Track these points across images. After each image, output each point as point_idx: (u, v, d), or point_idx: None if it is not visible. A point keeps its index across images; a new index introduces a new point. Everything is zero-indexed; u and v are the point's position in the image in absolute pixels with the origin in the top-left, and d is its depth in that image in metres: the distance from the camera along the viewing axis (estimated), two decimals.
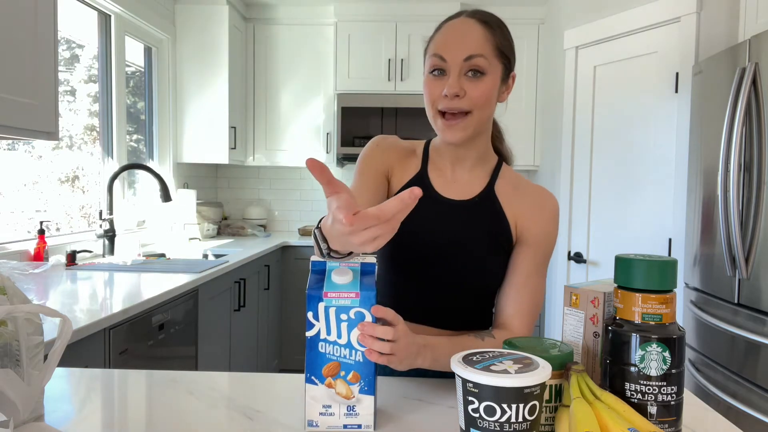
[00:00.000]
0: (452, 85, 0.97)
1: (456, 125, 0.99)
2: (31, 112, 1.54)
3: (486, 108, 1.00)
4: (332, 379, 0.78)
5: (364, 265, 0.82)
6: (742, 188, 1.85)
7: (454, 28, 1.01)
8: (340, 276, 0.79)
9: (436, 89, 1.00)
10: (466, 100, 0.98)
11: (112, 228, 2.66)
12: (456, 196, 1.09)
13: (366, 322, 0.77)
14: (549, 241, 1.07)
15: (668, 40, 2.48)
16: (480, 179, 1.10)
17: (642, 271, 0.72)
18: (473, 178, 1.10)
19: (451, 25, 1.02)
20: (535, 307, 1.06)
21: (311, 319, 0.78)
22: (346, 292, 0.78)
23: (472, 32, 0.99)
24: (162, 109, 3.47)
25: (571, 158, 3.03)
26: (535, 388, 0.62)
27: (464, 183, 1.09)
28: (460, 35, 0.99)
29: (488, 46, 0.98)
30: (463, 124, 0.99)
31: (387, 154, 1.12)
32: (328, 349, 0.78)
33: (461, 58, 0.97)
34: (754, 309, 1.80)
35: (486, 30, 0.99)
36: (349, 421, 0.79)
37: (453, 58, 0.98)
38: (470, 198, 1.08)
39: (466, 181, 1.09)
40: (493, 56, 0.99)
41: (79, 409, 0.87)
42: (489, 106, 1.01)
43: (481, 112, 1.00)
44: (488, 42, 0.98)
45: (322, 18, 3.85)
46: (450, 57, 0.98)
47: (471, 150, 1.07)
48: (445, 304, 1.07)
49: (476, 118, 0.99)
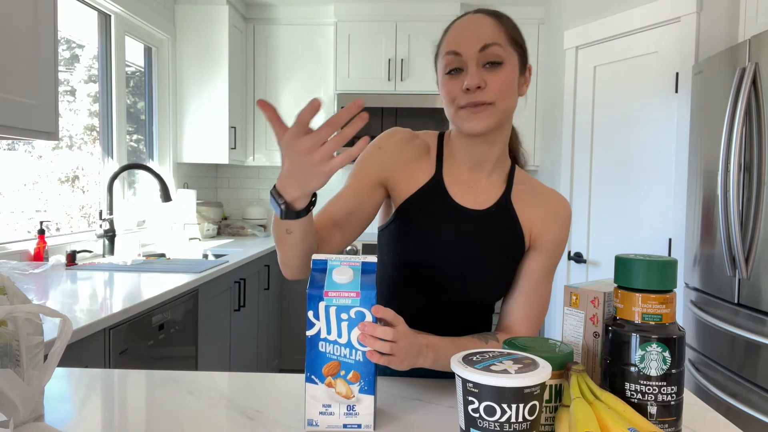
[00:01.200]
0: (473, 75, 0.93)
1: (481, 113, 0.94)
2: (31, 112, 1.54)
3: (508, 98, 0.96)
4: (332, 379, 0.78)
5: (365, 264, 0.82)
6: (742, 188, 1.85)
7: (465, 23, 0.98)
8: (340, 275, 0.79)
9: (454, 87, 0.96)
10: (488, 92, 0.94)
11: (112, 228, 2.66)
12: (473, 204, 1.04)
13: (366, 321, 0.77)
14: (561, 249, 1.06)
15: (668, 40, 2.48)
16: (497, 185, 1.06)
17: (642, 271, 0.72)
18: (490, 184, 1.06)
19: (461, 22, 1.00)
20: (542, 314, 1.05)
21: (312, 318, 0.78)
22: (347, 292, 0.78)
23: (484, 24, 0.96)
24: (162, 109, 3.47)
25: (571, 158, 3.03)
26: (535, 388, 0.62)
27: (481, 189, 1.05)
28: (472, 28, 0.97)
29: (502, 35, 0.96)
30: (486, 113, 0.95)
31: (388, 158, 1.05)
32: (329, 349, 0.78)
33: (476, 49, 0.94)
34: (754, 309, 1.80)
35: (496, 21, 0.97)
36: (349, 421, 0.79)
37: (468, 50, 0.95)
38: (487, 207, 1.04)
39: (483, 188, 1.05)
40: (508, 44, 0.96)
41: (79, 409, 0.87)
42: (511, 97, 0.97)
43: (505, 103, 0.96)
44: (501, 31, 0.96)
45: (322, 18, 3.85)
46: (465, 50, 0.95)
47: (492, 148, 1.02)
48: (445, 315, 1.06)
49: (500, 109, 0.95)
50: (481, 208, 1.04)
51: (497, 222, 1.03)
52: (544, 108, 3.61)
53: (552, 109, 3.36)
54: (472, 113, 0.95)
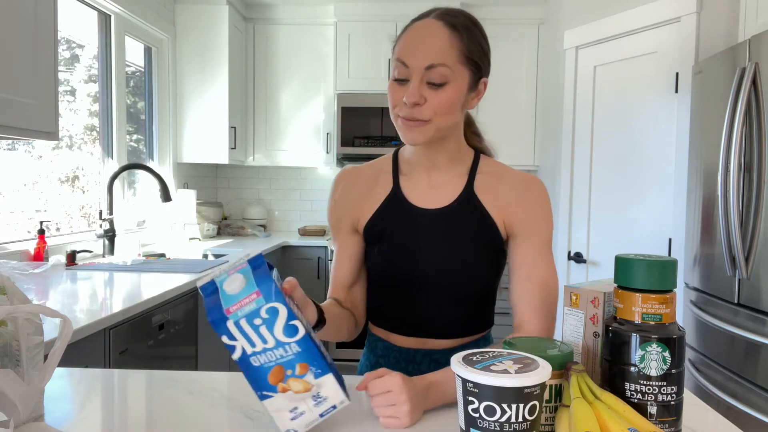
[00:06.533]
0: (412, 93, 0.92)
1: (416, 128, 0.95)
2: (31, 112, 1.54)
3: (448, 116, 0.95)
4: (282, 383, 0.74)
5: (251, 261, 0.76)
6: (742, 188, 1.85)
7: (419, 31, 0.94)
8: (232, 284, 0.73)
9: (398, 96, 0.95)
10: (426, 109, 0.93)
11: (112, 228, 2.66)
12: (434, 204, 1.05)
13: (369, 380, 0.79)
14: (543, 227, 1.02)
15: (668, 40, 2.48)
16: (458, 180, 1.05)
17: (642, 271, 0.72)
18: (450, 179, 1.05)
19: (416, 27, 0.96)
20: (548, 300, 1.00)
21: (228, 342, 0.73)
22: (247, 297, 0.72)
23: (437, 37, 0.93)
24: (162, 109, 3.47)
25: (571, 158, 3.03)
26: (535, 388, 0.62)
27: (442, 188, 1.05)
28: (423, 40, 0.93)
29: (453, 53, 0.92)
30: (422, 129, 0.95)
31: (345, 205, 1.10)
32: (263, 360, 0.74)
33: (423, 66, 0.92)
34: (754, 309, 1.80)
35: (453, 35, 0.93)
36: (323, 408, 0.76)
37: (414, 63, 0.93)
38: (449, 204, 1.04)
39: (444, 185, 1.05)
40: (458, 63, 0.93)
41: (79, 409, 0.87)
42: (451, 114, 0.96)
43: (442, 121, 0.95)
44: (453, 48, 0.93)
45: (322, 18, 3.85)
46: (411, 62, 0.93)
47: (441, 152, 1.03)
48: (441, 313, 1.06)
49: (435, 126, 0.95)
50: (441, 207, 1.04)
51: (462, 216, 1.03)
52: (544, 108, 3.60)
53: (552, 109, 3.36)
54: (406, 127, 0.96)
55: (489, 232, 1.02)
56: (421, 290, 1.05)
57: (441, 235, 1.03)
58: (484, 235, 1.02)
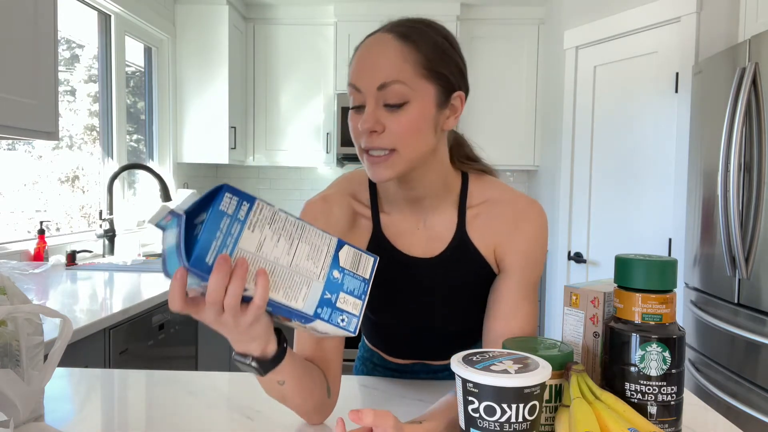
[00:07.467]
0: (366, 119, 0.78)
1: (381, 163, 0.80)
2: (31, 112, 1.54)
3: (414, 142, 0.80)
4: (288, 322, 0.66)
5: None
6: (742, 188, 1.85)
7: (368, 49, 0.82)
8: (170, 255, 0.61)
9: (356, 125, 0.82)
10: (387, 136, 0.79)
11: (112, 228, 2.66)
12: (423, 251, 0.92)
13: None
14: (533, 264, 0.90)
15: (668, 40, 2.48)
16: (446, 218, 0.91)
17: (642, 271, 0.72)
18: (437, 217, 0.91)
19: (365, 45, 0.83)
20: None
21: None
22: None
23: (387, 53, 0.79)
24: (162, 109, 3.47)
25: (571, 158, 3.03)
26: (535, 388, 0.62)
27: (430, 230, 0.92)
28: (371, 58, 0.80)
29: (408, 67, 0.78)
30: (388, 162, 0.80)
31: None
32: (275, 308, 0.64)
33: (374, 87, 0.78)
34: (754, 309, 1.80)
35: (406, 47, 0.79)
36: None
37: (366, 86, 0.79)
38: (440, 253, 0.91)
39: (432, 226, 0.92)
40: (417, 78, 0.79)
41: (79, 409, 0.87)
42: (418, 140, 0.80)
43: (409, 149, 0.80)
44: (408, 62, 0.78)
45: (322, 18, 3.85)
46: (362, 85, 0.80)
47: (419, 187, 0.87)
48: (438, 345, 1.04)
49: (404, 156, 0.80)
50: (433, 255, 0.92)
51: (457, 265, 0.92)
52: (544, 108, 3.60)
53: (552, 109, 3.36)
54: (371, 163, 0.81)
55: (483, 272, 0.92)
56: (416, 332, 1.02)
57: (434, 286, 0.93)
58: (479, 277, 0.93)
